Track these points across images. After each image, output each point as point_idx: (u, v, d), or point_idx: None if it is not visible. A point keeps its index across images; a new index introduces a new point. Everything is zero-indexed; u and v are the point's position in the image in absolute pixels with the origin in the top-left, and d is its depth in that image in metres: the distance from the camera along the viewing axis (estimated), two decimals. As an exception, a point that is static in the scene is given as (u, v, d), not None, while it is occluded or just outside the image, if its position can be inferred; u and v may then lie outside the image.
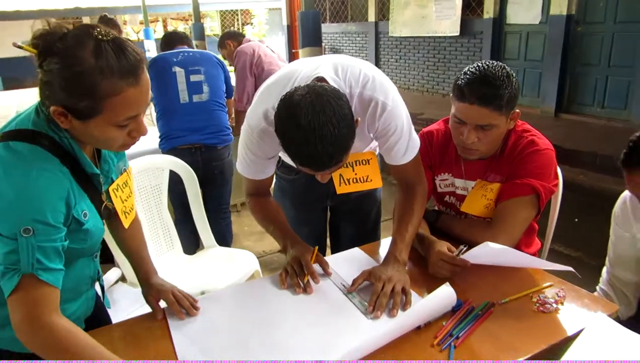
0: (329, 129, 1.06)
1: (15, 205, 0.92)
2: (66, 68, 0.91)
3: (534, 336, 1.10)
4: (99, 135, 0.99)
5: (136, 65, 0.95)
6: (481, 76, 1.37)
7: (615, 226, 1.50)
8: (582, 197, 4.12)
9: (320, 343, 1.10)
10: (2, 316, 1.06)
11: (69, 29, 0.94)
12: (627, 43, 5.67)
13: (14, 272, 0.92)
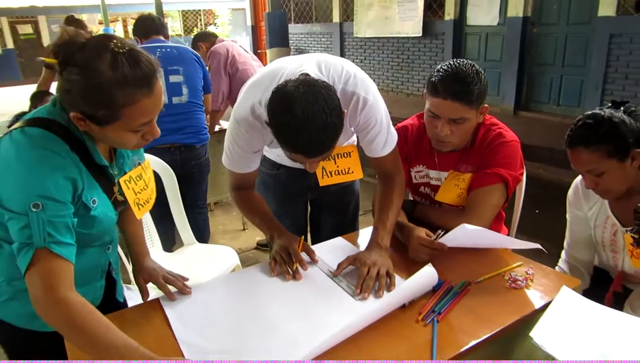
0: (322, 118, 1.14)
1: (24, 182, 0.98)
2: (85, 79, 0.98)
3: (507, 309, 1.21)
4: (115, 138, 1.08)
5: (150, 75, 1.03)
6: (453, 73, 1.47)
7: (569, 208, 1.64)
8: (542, 190, 4.33)
9: (313, 323, 1.17)
10: (11, 290, 1.14)
11: (87, 39, 1.01)
12: (579, 44, 5.98)
13: (29, 247, 0.98)
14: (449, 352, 1.07)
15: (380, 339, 1.11)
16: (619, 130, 1.33)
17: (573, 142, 1.39)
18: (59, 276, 0.99)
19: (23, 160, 1.00)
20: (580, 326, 1.12)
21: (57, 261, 1.00)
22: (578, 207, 1.61)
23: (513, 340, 1.23)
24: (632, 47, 5.42)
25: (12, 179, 0.99)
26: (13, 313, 1.17)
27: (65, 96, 1.03)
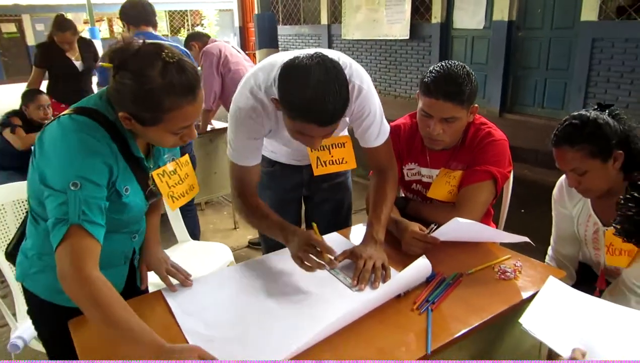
0: (335, 87, 1.20)
1: (67, 162, 1.07)
2: (137, 84, 1.06)
3: (497, 299, 1.27)
4: (155, 137, 1.18)
5: (195, 84, 1.11)
6: (445, 75, 1.54)
7: (555, 206, 1.71)
8: (527, 190, 4.43)
9: (312, 312, 1.22)
10: (41, 264, 1.23)
11: (141, 46, 1.08)
12: (562, 47, 6.12)
13: (64, 223, 1.04)
14: (442, 338, 1.12)
15: (377, 327, 1.16)
16: (603, 131, 1.40)
17: (559, 140, 1.46)
18: (87, 254, 1.05)
19: (67, 142, 1.08)
20: (566, 313, 1.19)
21: (88, 239, 1.06)
22: (563, 205, 1.68)
23: (502, 327, 1.29)
24: (613, 51, 5.56)
25: (56, 158, 1.08)
26: (40, 286, 1.26)
27: (116, 96, 1.11)
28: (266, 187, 1.84)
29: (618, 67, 5.55)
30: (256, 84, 1.41)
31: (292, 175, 1.83)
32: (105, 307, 1.01)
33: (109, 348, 1.10)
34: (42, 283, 1.26)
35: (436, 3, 7.49)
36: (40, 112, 3.29)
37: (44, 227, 1.17)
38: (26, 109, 3.30)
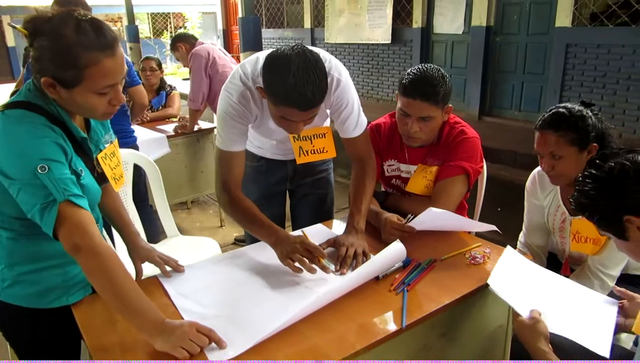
0: (314, 74, 1.32)
1: (24, 151, 1.08)
2: (53, 43, 1.09)
3: (467, 281, 1.39)
4: (82, 102, 1.15)
5: (112, 41, 1.13)
6: (422, 77, 1.66)
7: (527, 197, 1.85)
8: (503, 190, 4.59)
9: (299, 291, 1.33)
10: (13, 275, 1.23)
11: (54, 13, 1.12)
12: (538, 52, 6.32)
13: (51, 205, 1.07)
14: (416, 315, 1.24)
15: (359, 305, 1.27)
16: (586, 123, 1.56)
17: (545, 125, 1.61)
18: (89, 224, 1.10)
19: (14, 134, 1.10)
20: (523, 279, 1.36)
21: (81, 211, 1.10)
22: (535, 196, 1.82)
23: (472, 308, 1.41)
24: (586, 56, 5.78)
25: (11, 151, 1.09)
26: (18, 296, 1.25)
27: (36, 64, 1.12)
28: (253, 181, 1.95)
29: (591, 71, 5.77)
30: (244, 73, 1.54)
31: (277, 170, 1.94)
32: (114, 278, 1.08)
33: (109, 327, 1.20)
34: (21, 294, 1.25)
35: (417, 8, 7.66)
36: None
37: (7, 235, 1.21)
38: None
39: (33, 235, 1.20)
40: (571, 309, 1.31)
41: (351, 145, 1.72)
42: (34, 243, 1.23)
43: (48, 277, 1.26)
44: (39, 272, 1.25)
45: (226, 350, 1.10)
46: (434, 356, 1.34)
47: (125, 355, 1.11)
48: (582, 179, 1.18)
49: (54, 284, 1.27)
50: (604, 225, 1.16)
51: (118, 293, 1.09)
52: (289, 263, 1.40)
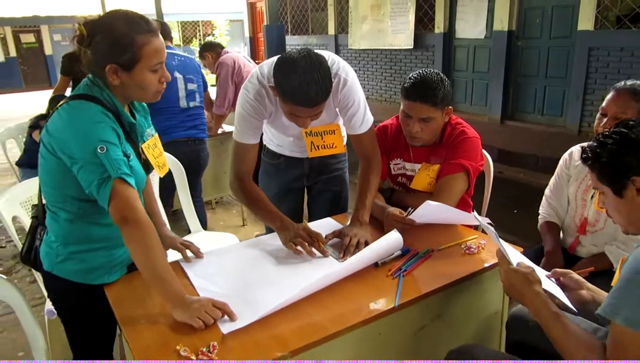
0: (318, 75, 1.47)
1: (86, 133, 1.27)
2: (110, 35, 1.30)
3: (461, 268, 1.50)
4: (140, 80, 1.35)
5: (154, 26, 1.36)
6: (421, 80, 1.78)
7: (560, 167, 2.02)
8: (522, 193, 4.64)
9: (306, 274, 1.47)
10: (66, 252, 1.42)
11: (99, 16, 1.35)
12: (560, 56, 6.33)
13: (106, 180, 1.25)
14: (410, 295, 1.36)
15: (357, 287, 1.40)
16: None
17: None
18: (136, 199, 1.28)
19: (79, 119, 1.29)
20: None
21: (130, 189, 1.28)
22: (567, 166, 1.98)
23: (466, 293, 1.52)
24: (609, 59, 5.76)
25: (75, 134, 1.27)
26: (69, 271, 1.43)
27: (97, 58, 1.32)
28: (272, 178, 2.10)
29: (614, 74, 5.74)
30: (262, 74, 1.71)
31: (295, 167, 2.09)
32: (151, 249, 1.26)
33: (135, 303, 1.36)
34: (70, 269, 1.43)
35: (439, 13, 7.74)
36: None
37: (65, 217, 1.39)
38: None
39: (87, 218, 1.40)
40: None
41: (357, 141, 1.85)
42: (87, 227, 1.42)
43: (95, 257, 1.44)
44: (88, 252, 1.43)
45: (236, 322, 1.24)
46: (429, 337, 1.45)
47: (150, 326, 1.26)
48: (608, 134, 1.19)
49: (99, 264, 1.45)
50: (607, 178, 1.18)
51: (152, 262, 1.26)
52: (291, 247, 1.57)
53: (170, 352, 1.15)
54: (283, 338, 1.18)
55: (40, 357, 1.51)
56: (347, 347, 1.27)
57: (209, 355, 1.12)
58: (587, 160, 1.23)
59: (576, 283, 1.36)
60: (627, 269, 1.03)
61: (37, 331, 1.51)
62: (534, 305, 1.20)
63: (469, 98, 7.66)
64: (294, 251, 1.58)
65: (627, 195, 1.15)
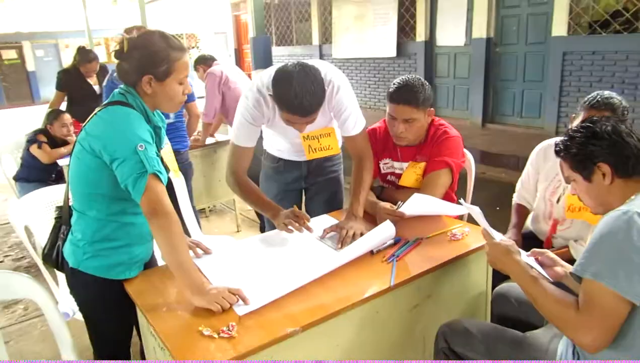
0: (311, 87, 1.63)
1: (127, 133, 1.42)
2: (148, 50, 1.48)
3: (448, 252, 1.67)
4: (170, 90, 1.53)
5: (183, 45, 1.56)
6: (404, 85, 1.97)
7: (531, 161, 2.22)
8: (503, 191, 4.84)
9: (308, 264, 1.62)
10: (93, 249, 1.55)
11: (139, 33, 1.51)
12: (536, 61, 6.61)
13: (143, 175, 1.38)
14: (403, 276, 1.52)
15: (357, 272, 1.56)
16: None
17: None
18: (165, 194, 1.42)
19: (120, 120, 1.45)
20: None
21: (161, 185, 1.42)
22: (538, 161, 2.16)
23: (453, 275, 1.69)
24: (582, 63, 6.05)
25: (117, 134, 1.42)
26: (93, 267, 1.55)
27: (133, 71, 1.49)
28: (272, 180, 2.26)
29: (587, 77, 6.03)
30: (261, 82, 1.86)
31: (293, 170, 2.25)
32: (176, 239, 1.40)
33: (154, 294, 1.50)
34: (95, 265, 1.55)
35: (420, 23, 8.01)
36: (63, 130, 3.70)
37: (93, 216, 1.53)
38: (51, 127, 3.71)
39: (114, 217, 1.54)
40: None
41: (351, 142, 2.01)
42: (111, 225, 1.55)
43: (117, 255, 1.57)
44: (112, 250, 1.56)
45: (250, 305, 1.39)
46: (422, 314, 1.62)
47: (171, 312, 1.40)
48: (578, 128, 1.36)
49: (121, 260, 1.58)
50: (578, 166, 1.35)
51: (177, 251, 1.41)
52: (284, 228, 1.80)
53: (194, 332, 1.29)
54: (294, 316, 1.34)
55: (67, 349, 1.64)
56: (349, 323, 1.43)
57: (230, 332, 1.27)
58: (560, 152, 1.40)
59: (552, 261, 1.53)
60: (594, 235, 1.21)
61: (63, 325, 1.64)
62: (516, 271, 1.38)
63: (451, 103, 7.90)
64: (287, 231, 1.80)
65: (595, 180, 1.32)
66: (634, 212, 1.16)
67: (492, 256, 1.46)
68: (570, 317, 1.21)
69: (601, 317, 1.17)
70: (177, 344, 1.26)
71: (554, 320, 1.27)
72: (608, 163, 1.29)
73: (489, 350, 1.44)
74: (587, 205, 1.41)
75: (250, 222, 4.34)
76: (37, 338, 2.70)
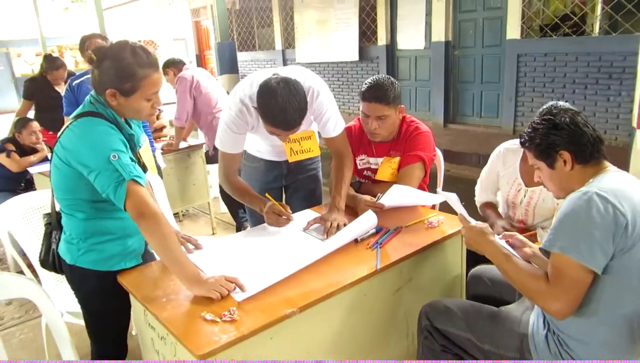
0: (295, 102, 1.72)
1: (99, 145, 1.46)
2: (116, 63, 1.49)
3: (426, 239, 1.80)
4: (136, 106, 1.56)
5: (156, 60, 1.57)
6: (375, 84, 2.10)
7: (490, 164, 2.30)
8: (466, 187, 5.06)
9: (297, 253, 1.71)
10: (87, 245, 1.60)
11: (112, 43, 1.55)
12: (493, 63, 6.90)
13: (121, 183, 1.44)
14: (386, 260, 1.64)
15: (344, 259, 1.67)
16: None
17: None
18: (149, 197, 1.48)
19: (90, 133, 1.48)
20: None
21: (142, 188, 1.47)
22: (497, 165, 2.26)
23: (431, 260, 1.82)
24: (535, 64, 6.37)
25: (89, 146, 1.46)
26: (90, 261, 1.62)
27: (101, 81, 1.51)
28: (253, 179, 2.34)
29: (540, 78, 6.35)
30: (243, 93, 1.94)
31: (273, 169, 2.33)
32: (167, 238, 1.46)
33: (151, 286, 1.56)
34: (90, 259, 1.62)
35: (381, 27, 8.22)
36: (32, 137, 3.67)
37: (81, 216, 1.58)
38: (19, 135, 3.67)
39: (100, 214, 1.59)
40: None
41: (332, 143, 2.13)
42: (101, 222, 1.61)
43: (110, 247, 1.63)
44: (104, 243, 1.62)
45: (247, 292, 1.47)
46: (405, 296, 1.74)
47: (171, 302, 1.46)
48: (539, 121, 1.49)
49: (115, 252, 1.64)
50: (542, 155, 1.48)
51: (169, 248, 1.47)
52: (271, 223, 1.92)
53: (197, 318, 1.36)
54: (290, 300, 1.43)
55: (66, 346, 1.67)
56: (341, 305, 1.54)
57: (232, 316, 1.35)
58: (525, 143, 1.54)
59: (521, 243, 1.68)
60: (559, 214, 1.36)
61: (60, 322, 1.68)
62: (490, 250, 1.51)
63: (414, 104, 8.14)
64: (275, 224, 1.92)
65: (557, 167, 1.47)
66: (593, 192, 1.31)
67: (468, 238, 1.59)
68: (541, 288, 1.35)
69: (568, 287, 1.31)
70: (181, 329, 1.33)
71: (526, 292, 1.41)
72: (568, 151, 1.44)
73: (469, 324, 1.57)
74: (551, 190, 1.56)
75: (225, 224, 4.39)
76: (16, 346, 2.68)
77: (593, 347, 1.36)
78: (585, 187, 1.37)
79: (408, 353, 1.81)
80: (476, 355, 1.57)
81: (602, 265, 1.29)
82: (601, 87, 5.79)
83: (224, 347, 1.25)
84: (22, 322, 2.89)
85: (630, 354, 1.37)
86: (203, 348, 1.23)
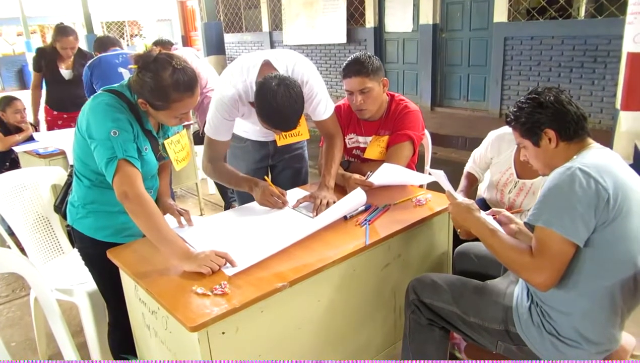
0: (293, 106, 1.74)
1: (104, 119, 1.54)
2: (154, 81, 1.53)
3: (413, 216, 1.83)
4: (162, 118, 1.66)
5: (193, 84, 1.58)
6: (354, 60, 2.12)
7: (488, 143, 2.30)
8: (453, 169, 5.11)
9: (287, 229, 1.73)
10: (85, 211, 1.69)
11: (157, 54, 1.55)
12: (480, 46, 6.93)
13: (114, 159, 1.50)
14: (375, 236, 1.66)
15: (334, 235, 1.69)
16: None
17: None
18: (137, 178, 1.51)
19: (102, 107, 1.56)
20: None
21: (133, 168, 1.53)
22: (492, 151, 2.27)
23: (419, 237, 1.85)
24: (521, 48, 6.40)
25: (97, 118, 1.54)
26: (86, 227, 1.71)
27: (137, 87, 1.57)
28: (240, 159, 2.34)
29: (527, 61, 6.40)
30: (234, 78, 1.93)
31: (260, 149, 2.33)
32: (153, 218, 1.49)
33: (142, 262, 1.56)
34: (86, 225, 1.72)
35: (369, 9, 8.18)
36: (17, 116, 3.60)
37: (86, 183, 1.65)
38: (3, 114, 3.60)
39: (101, 185, 1.66)
40: None
41: (322, 125, 2.13)
42: (101, 192, 1.68)
43: (104, 218, 1.70)
44: (99, 213, 1.70)
45: (237, 267, 1.49)
46: (393, 272, 1.77)
47: (163, 277, 1.47)
48: (525, 100, 1.53)
49: (107, 224, 1.70)
50: (527, 133, 1.51)
51: (156, 228, 1.49)
52: (264, 203, 1.93)
53: (188, 292, 1.38)
54: (281, 274, 1.45)
55: (56, 322, 1.68)
56: (330, 280, 1.56)
57: (223, 289, 1.37)
58: (511, 121, 1.57)
59: (508, 219, 1.72)
60: (544, 188, 1.39)
61: (50, 296, 1.68)
62: (476, 225, 1.54)
63: (401, 87, 8.15)
64: (268, 205, 1.93)
65: (542, 145, 1.50)
66: (576, 168, 1.34)
67: (455, 214, 1.62)
68: (525, 261, 1.39)
69: (552, 259, 1.35)
70: (173, 303, 1.34)
71: (511, 265, 1.45)
72: (553, 128, 1.47)
73: (455, 298, 1.61)
74: (536, 168, 1.59)
75: (212, 205, 4.39)
76: (3, 324, 2.67)
77: (575, 317, 1.40)
78: (569, 162, 1.40)
79: (396, 327, 1.85)
80: (462, 328, 1.61)
81: (584, 238, 1.32)
82: (586, 70, 5.85)
83: (215, 319, 1.27)
84: (10, 301, 2.88)
85: (611, 325, 1.42)
86: (195, 321, 1.25)
